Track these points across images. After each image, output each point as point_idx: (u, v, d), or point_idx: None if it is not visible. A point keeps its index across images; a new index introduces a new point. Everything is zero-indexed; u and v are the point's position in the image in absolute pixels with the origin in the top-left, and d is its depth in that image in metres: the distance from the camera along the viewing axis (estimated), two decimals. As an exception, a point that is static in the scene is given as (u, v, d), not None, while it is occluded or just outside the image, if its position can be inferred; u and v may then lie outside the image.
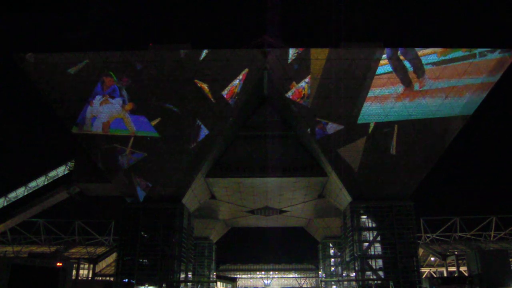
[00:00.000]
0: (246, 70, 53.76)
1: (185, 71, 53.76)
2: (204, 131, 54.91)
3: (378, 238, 55.85)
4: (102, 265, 79.68)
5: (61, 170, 64.37)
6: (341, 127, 54.04)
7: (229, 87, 54.24)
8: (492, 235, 79.28)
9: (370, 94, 53.43)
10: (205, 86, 54.42)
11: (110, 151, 55.39)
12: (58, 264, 44.64)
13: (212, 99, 54.22)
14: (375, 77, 53.24)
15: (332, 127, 54.13)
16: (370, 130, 54.15)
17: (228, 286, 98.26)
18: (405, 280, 53.19)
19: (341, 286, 69.99)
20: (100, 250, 77.43)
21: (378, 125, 54.02)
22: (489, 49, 53.53)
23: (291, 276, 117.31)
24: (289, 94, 53.78)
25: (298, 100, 53.87)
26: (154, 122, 55.28)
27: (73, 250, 77.28)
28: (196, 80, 54.15)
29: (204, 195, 64.97)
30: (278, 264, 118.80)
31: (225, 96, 54.18)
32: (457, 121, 54.06)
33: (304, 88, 53.94)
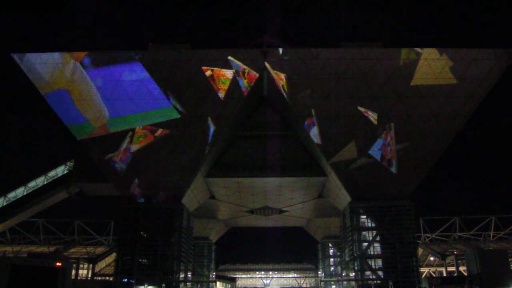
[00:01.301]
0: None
1: (185, 71, 53.71)
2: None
3: (378, 238, 55.85)
4: (101, 265, 79.64)
5: (61, 170, 64.22)
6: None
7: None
8: (491, 235, 79.34)
9: (370, 94, 53.48)
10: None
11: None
12: (58, 264, 44.38)
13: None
14: (375, 76, 53.36)
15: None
16: (369, 129, 54.24)
17: (227, 286, 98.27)
18: (405, 280, 53.13)
19: (340, 286, 69.98)
20: (100, 250, 77.39)
21: (378, 124, 54.05)
22: (489, 49, 53.61)
23: (290, 276, 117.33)
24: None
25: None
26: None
27: (72, 250, 77.24)
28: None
29: (204, 195, 64.94)
30: (278, 264, 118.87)
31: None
32: (457, 121, 54.09)
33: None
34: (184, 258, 58.89)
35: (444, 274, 74.66)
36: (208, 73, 51.08)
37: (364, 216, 57.10)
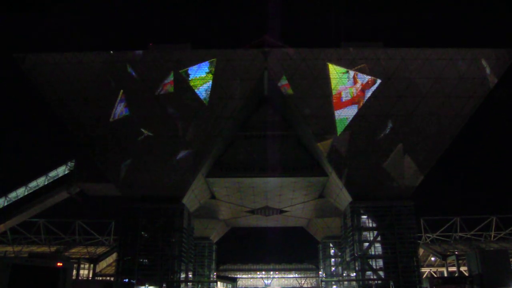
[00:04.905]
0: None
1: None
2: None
3: (379, 238, 55.80)
4: (102, 265, 79.67)
5: (61, 170, 64.28)
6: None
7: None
8: (492, 235, 79.23)
9: (369, 93, 53.43)
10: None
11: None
12: (58, 264, 44.40)
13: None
14: (375, 76, 53.31)
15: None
16: (369, 129, 54.18)
17: (228, 286, 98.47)
18: (406, 280, 53.07)
19: (341, 286, 69.96)
20: (101, 250, 77.38)
21: (378, 124, 54.02)
22: (489, 49, 53.53)
23: (291, 276, 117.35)
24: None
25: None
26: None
27: (73, 250, 77.23)
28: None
29: (204, 195, 64.94)
30: (279, 264, 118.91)
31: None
32: (457, 121, 54.01)
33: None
34: (185, 258, 58.90)
35: (445, 274, 74.50)
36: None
37: (365, 216, 57.04)
